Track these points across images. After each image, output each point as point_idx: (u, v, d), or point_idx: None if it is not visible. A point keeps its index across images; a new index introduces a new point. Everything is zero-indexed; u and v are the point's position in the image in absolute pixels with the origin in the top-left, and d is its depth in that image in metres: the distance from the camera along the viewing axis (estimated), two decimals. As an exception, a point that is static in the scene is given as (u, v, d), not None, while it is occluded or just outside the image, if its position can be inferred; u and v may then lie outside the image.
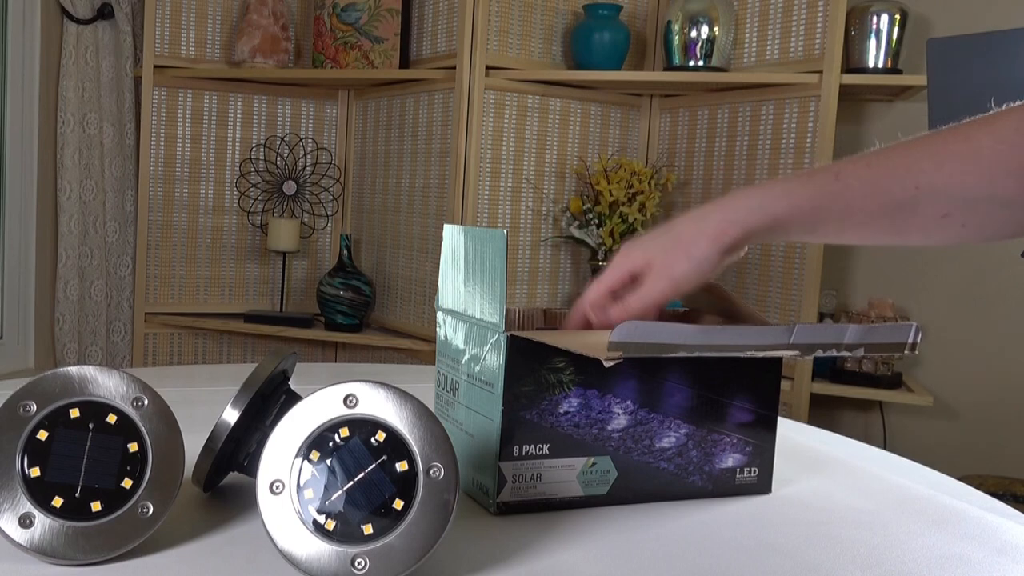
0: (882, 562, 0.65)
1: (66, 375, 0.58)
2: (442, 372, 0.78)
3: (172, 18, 2.46)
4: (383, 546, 0.53)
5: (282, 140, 2.59)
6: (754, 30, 2.26)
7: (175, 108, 2.49)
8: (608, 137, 2.45)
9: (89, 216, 2.42)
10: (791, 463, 0.89)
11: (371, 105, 2.58)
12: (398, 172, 2.47)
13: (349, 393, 0.56)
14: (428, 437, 0.55)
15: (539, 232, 2.38)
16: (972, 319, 2.38)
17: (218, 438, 0.63)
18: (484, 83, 2.22)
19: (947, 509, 0.78)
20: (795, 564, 0.63)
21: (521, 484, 0.70)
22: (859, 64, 2.21)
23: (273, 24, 2.45)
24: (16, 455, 0.56)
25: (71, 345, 2.42)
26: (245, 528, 0.63)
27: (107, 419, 0.58)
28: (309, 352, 2.66)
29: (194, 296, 2.56)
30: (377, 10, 2.42)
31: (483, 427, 0.71)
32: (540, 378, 0.69)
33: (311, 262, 2.67)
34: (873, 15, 2.18)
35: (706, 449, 0.75)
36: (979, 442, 2.39)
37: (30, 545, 0.55)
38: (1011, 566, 0.66)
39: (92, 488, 0.56)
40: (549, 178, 2.37)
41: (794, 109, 2.15)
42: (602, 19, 2.29)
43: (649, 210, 2.27)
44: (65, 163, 2.37)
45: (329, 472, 0.54)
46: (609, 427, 0.72)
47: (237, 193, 2.57)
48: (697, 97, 2.37)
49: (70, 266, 2.40)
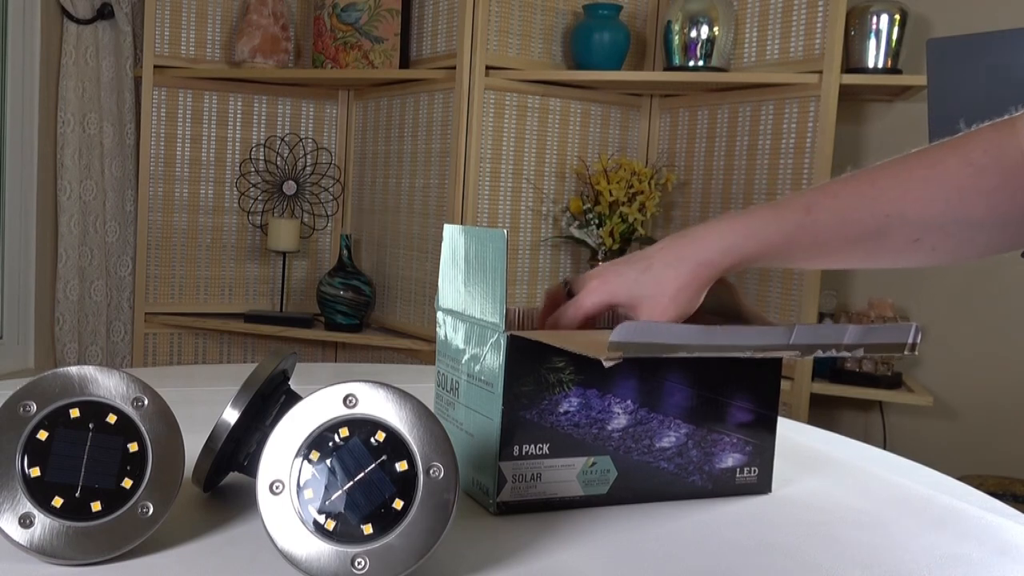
0: (882, 562, 0.65)
1: (66, 375, 0.58)
2: (442, 372, 0.78)
3: (172, 18, 2.46)
4: (383, 546, 0.53)
5: (282, 140, 2.59)
6: (754, 30, 2.26)
7: (175, 108, 2.49)
8: (608, 137, 2.45)
9: (89, 216, 2.42)
10: (791, 463, 0.89)
11: (371, 105, 2.58)
12: (398, 172, 2.47)
13: (349, 393, 0.56)
14: (428, 437, 0.55)
15: (539, 232, 2.38)
16: (972, 319, 2.38)
17: (218, 438, 0.63)
18: (484, 83, 2.22)
19: (947, 509, 0.78)
20: (795, 564, 0.63)
21: (521, 484, 0.70)
22: (859, 64, 2.21)
23: (273, 24, 2.45)
24: (16, 455, 0.56)
25: (71, 345, 2.42)
26: (245, 528, 0.63)
27: (107, 419, 0.58)
28: (309, 352, 2.66)
29: (194, 296, 2.56)
30: (377, 10, 2.42)
31: (483, 427, 0.71)
32: (540, 378, 0.69)
33: (311, 262, 2.67)
34: (873, 15, 2.18)
35: (706, 449, 0.75)
36: (979, 442, 2.39)
37: (30, 545, 0.55)
38: (1011, 566, 0.66)
39: (92, 488, 0.56)
40: (549, 178, 2.37)
41: (794, 109, 2.15)
42: (602, 19, 2.29)
43: (649, 210, 2.27)
44: (65, 163, 2.38)
45: (329, 472, 0.54)
46: (609, 427, 0.72)
47: (237, 193, 2.57)
48: (697, 97, 2.37)
49: (70, 266, 2.40)
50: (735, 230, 0.73)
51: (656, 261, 0.74)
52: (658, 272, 0.73)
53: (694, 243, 0.73)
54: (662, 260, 0.74)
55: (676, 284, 0.73)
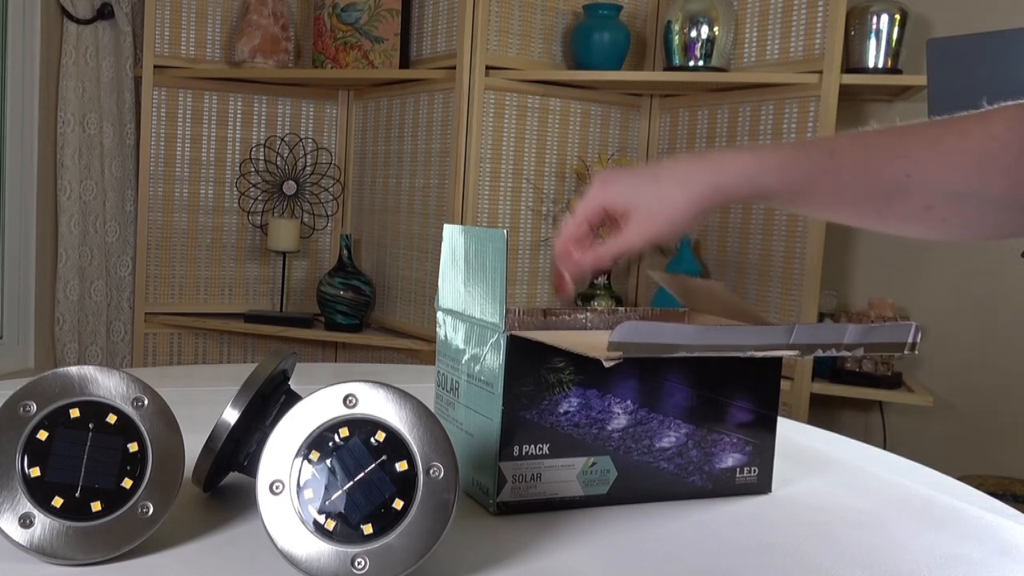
0: (882, 562, 0.65)
1: (66, 375, 0.58)
2: (442, 372, 0.78)
3: (172, 18, 2.46)
4: (383, 546, 0.53)
5: (282, 140, 2.59)
6: (754, 30, 2.26)
7: (175, 108, 2.49)
8: (608, 137, 2.45)
9: (89, 216, 2.42)
10: (791, 463, 0.89)
11: (371, 105, 2.58)
12: (398, 172, 2.47)
13: (349, 393, 0.56)
14: (428, 437, 0.55)
15: (539, 232, 2.38)
16: (972, 319, 2.38)
17: (218, 438, 0.63)
18: (484, 83, 2.22)
19: (947, 509, 0.78)
20: (795, 564, 0.63)
21: (521, 484, 0.70)
22: (859, 64, 2.20)
23: (273, 24, 2.45)
24: (16, 455, 0.56)
25: (71, 345, 2.42)
26: (245, 528, 0.63)
27: (107, 419, 0.58)
28: (309, 352, 2.66)
29: (194, 296, 2.56)
30: (377, 10, 2.42)
31: (483, 427, 0.71)
32: (540, 378, 0.69)
33: (311, 262, 2.67)
34: (873, 15, 2.18)
35: (706, 449, 0.75)
36: (979, 442, 2.39)
37: (30, 545, 0.55)
38: (1011, 566, 0.66)
39: (92, 488, 0.56)
40: (549, 178, 2.37)
41: (794, 109, 2.15)
42: (602, 19, 2.29)
43: (649, 210, 2.26)
44: (65, 163, 2.37)
45: (329, 472, 0.54)
46: (609, 427, 0.72)
47: (237, 193, 2.57)
48: (697, 97, 2.37)
49: (70, 266, 2.40)
50: (758, 160, 0.70)
51: (664, 175, 0.71)
52: (664, 187, 0.71)
53: (710, 165, 0.71)
54: (670, 176, 0.71)
55: (678, 203, 0.70)
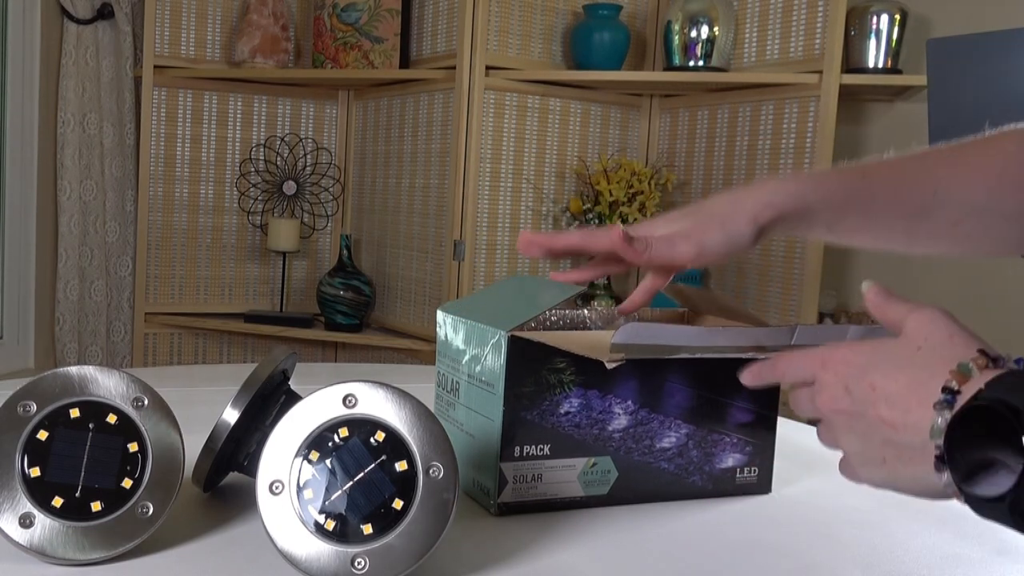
0: (882, 562, 0.65)
1: (66, 375, 0.58)
2: (442, 372, 0.78)
3: (172, 18, 2.46)
4: (383, 546, 0.53)
5: (282, 140, 2.59)
6: (754, 30, 2.26)
7: (175, 108, 2.49)
8: (608, 137, 2.45)
9: (89, 216, 2.42)
10: (791, 463, 0.89)
11: (371, 105, 2.58)
12: (398, 172, 2.47)
13: (349, 393, 0.56)
14: (427, 437, 0.55)
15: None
16: (972, 319, 2.37)
17: (218, 438, 0.63)
18: (484, 83, 2.22)
19: (947, 509, 0.78)
20: (795, 564, 0.63)
21: (522, 485, 0.70)
22: (859, 64, 2.20)
23: (273, 24, 2.45)
24: (16, 455, 0.56)
25: (71, 345, 2.42)
26: (245, 528, 0.63)
27: (107, 419, 0.58)
28: (309, 352, 2.66)
29: (194, 296, 2.56)
30: (377, 10, 2.42)
31: (484, 427, 0.71)
32: (541, 378, 0.69)
33: (311, 262, 2.67)
34: (873, 15, 2.17)
35: (706, 449, 0.75)
36: (979, 442, 2.38)
37: (30, 545, 0.55)
38: (1011, 566, 0.66)
39: (92, 488, 0.56)
40: (549, 178, 2.37)
41: (794, 109, 2.15)
42: (602, 19, 2.29)
43: (649, 210, 2.27)
44: (65, 163, 2.37)
45: (329, 472, 0.54)
46: (610, 427, 0.72)
47: (237, 193, 2.57)
48: (697, 97, 2.37)
49: (70, 266, 2.40)
50: (797, 179, 0.72)
51: (711, 202, 0.72)
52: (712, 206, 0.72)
53: (752, 189, 0.72)
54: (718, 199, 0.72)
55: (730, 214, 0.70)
